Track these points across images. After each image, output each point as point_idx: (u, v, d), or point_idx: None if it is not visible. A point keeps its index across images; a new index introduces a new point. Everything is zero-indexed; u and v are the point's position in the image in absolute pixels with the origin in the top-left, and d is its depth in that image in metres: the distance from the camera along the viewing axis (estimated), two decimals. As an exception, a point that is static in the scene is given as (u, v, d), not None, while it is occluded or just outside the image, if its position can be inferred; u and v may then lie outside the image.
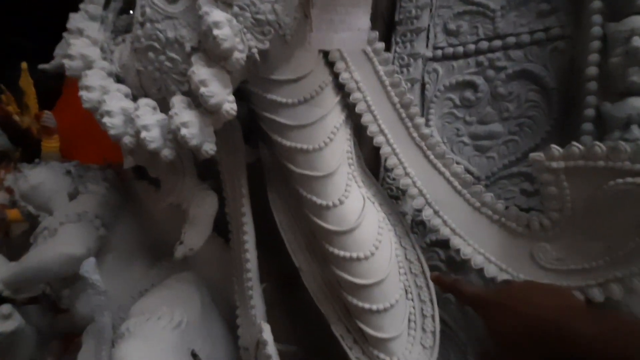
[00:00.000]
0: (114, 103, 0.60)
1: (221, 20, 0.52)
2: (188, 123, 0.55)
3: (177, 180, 0.74)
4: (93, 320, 0.72)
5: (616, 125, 0.57)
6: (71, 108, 1.46)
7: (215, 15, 0.52)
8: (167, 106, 0.58)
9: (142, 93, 0.64)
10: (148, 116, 0.58)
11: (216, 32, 0.51)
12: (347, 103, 0.71)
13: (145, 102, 0.60)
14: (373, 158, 0.77)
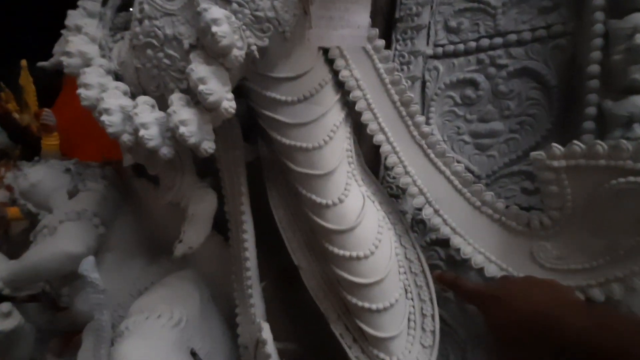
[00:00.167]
0: (113, 101, 0.60)
1: (220, 17, 0.51)
2: (186, 121, 0.55)
3: (176, 178, 0.73)
4: (93, 318, 0.72)
5: (618, 123, 0.57)
6: (70, 106, 1.46)
7: (213, 12, 0.51)
8: (166, 104, 0.57)
9: (141, 90, 0.63)
10: (146, 114, 0.58)
11: (215, 29, 0.51)
12: (347, 101, 0.70)
13: (143, 100, 0.59)
14: (373, 156, 0.77)
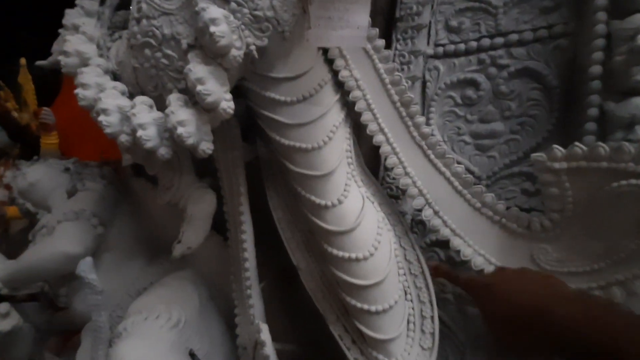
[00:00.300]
0: (110, 101, 0.59)
1: (218, 16, 0.51)
2: (184, 121, 0.54)
3: (175, 178, 0.73)
4: (91, 318, 0.72)
5: (620, 125, 0.56)
6: (70, 105, 1.45)
7: (212, 11, 0.51)
8: (164, 104, 0.57)
9: (139, 90, 0.63)
10: (144, 114, 0.57)
11: (213, 29, 0.50)
12: (347, 101, 0.70)
13: (141, 100, 0.59)
14: (372, 157, 0.76)
